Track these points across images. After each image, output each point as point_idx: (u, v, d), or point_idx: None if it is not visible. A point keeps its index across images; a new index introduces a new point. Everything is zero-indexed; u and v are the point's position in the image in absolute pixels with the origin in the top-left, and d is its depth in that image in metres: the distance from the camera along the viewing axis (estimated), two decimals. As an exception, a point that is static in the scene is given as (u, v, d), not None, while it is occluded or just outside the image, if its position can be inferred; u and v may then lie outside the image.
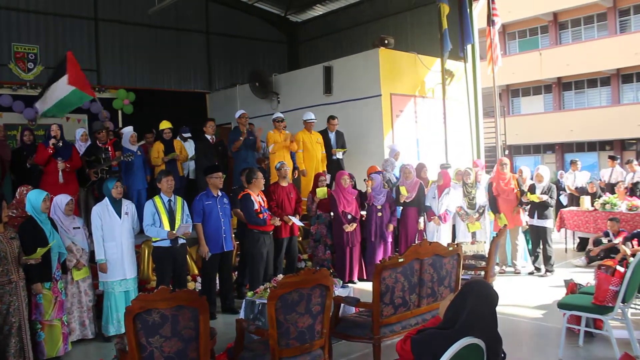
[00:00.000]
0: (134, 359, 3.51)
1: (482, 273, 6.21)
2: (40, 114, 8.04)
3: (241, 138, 8.76)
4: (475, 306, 2.86)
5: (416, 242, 8.33)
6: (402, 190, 8.53)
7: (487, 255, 6.46)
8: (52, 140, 7.39)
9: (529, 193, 8.38)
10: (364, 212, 8.57)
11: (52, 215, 5.79)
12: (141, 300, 3.48)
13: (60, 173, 7.39)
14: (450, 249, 5.20)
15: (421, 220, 8.63)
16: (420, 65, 11.17)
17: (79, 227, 6.06)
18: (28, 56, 13.00)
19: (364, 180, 8.56)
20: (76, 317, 5.99)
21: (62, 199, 6.00)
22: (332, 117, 9.92)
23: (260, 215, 6.98)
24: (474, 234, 8.49)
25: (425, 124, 11.11)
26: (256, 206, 7.01)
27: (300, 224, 7.73)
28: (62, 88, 7.72)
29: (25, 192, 5.96)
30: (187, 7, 15.21)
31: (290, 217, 7.46)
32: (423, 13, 13.37)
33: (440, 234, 8.42)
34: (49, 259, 5.44)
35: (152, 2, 12.93)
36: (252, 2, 16.71)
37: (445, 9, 10.60)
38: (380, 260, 4.82)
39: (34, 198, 5.60)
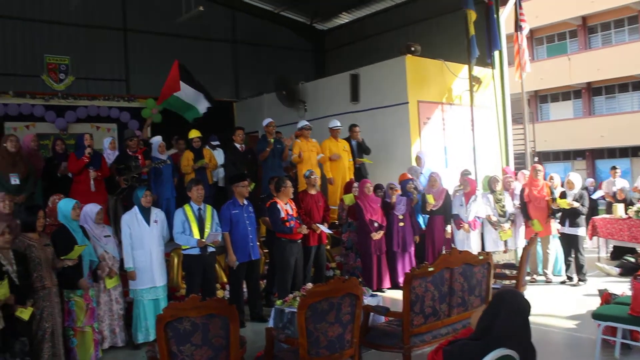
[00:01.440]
0: (165, 367, 3.54)
1: (513, 282, 6.12)
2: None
3: (268, 149, 8.79)
4: (508, 316, 2.82)
5: (443, 250, 8.29)
6: (429, 198, 8.47)
7: (517, 264, 6.37)
8: (88, 150, 7.50)
9: (558, 198, 8.25)
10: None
11: (83, 224, 5.88)
12: (172, 309, 3.50)
13: (92, 182, 7.49)
14: (481, 257, 5.14)
15: (448, 228, 8.56)
16: (447, 72, 11.09)
17: (109, 236, 6.15)
18: (59, 67, 13.22)
19: (390, 189, 8.49)
20: (107, 325, 6.06)
21: (92, 208, 6.09)
22: (354, 125, 9.91)
23: (287, 224, 6.99)
24: (505, 243, 8.39)
25: (453, 131, 11.02)
26: (283, 214, 7.02)
27: (328, 231, 7.71)
28: (202, 102, 8.46)
29: (57, 200, 6.07)
30: (213, 16, 15.36)
31: (318, 225, 7.46)
32: (450, 20, 13.28)
33: (470, 242, 8.34)
34: (80, 266, 5.53)
35: (179, 13, 13.09)
36: (278, 11, 16.84)
37: (472, 16, 10.51)
38: (410, 269, 4.79)
39: (64, 206, 5.72)
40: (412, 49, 10.73)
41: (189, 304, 3.50)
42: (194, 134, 9.23)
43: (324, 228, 7.53)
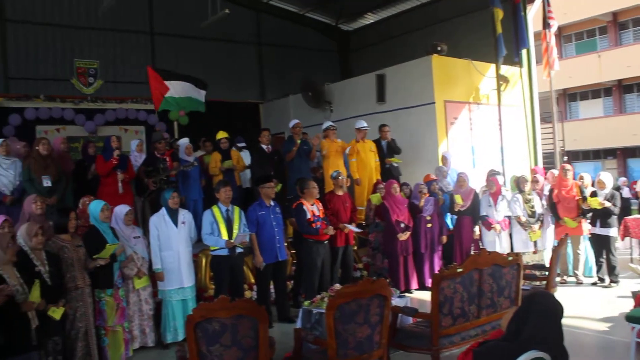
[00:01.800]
0: (194, 367, 3.57)
1: (543, 283, 6.04)
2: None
3: (294, 148, 8.82)
4: (539, 318, 2.78)
5: (472, 251, 8.21)
6: (457, 198, 8.40)
7: (548, 265, 6.28)
8: (117, 152, 7.59)
9: (589, 198, 8.11)
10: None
11: (113, 225, 5.97)
12: (202, 309, 3.53)
13: (119, 184, 7.59)
14: (510, 258, 5.08)
15: (476, 229, 8.48)
16: (474, 72, 11.00)
17: (139, 237, 6.22)
18: (89, 71, 13.43)
19: (419, 192, 8.43)
20: (137, 325, 6.12)
21: (121, 209, 6.18)
22: (383, 125, 9.88)
23: (313, 225, 6.99)
24: (535, 243, 8.28)
25: (480, 131, 10.93)
26: (309, 215, 7.03)
27: (357, 229, 7.70)
28: (199, 93, 8.57)
29: (87, 202, 6.19)
30: (238, 19, 15.44)
31: (346, 225, 7.45)
32: (476, 18, 13.17)
33: (502, 242, 8.25)
34: (111, 266, 5.61)
35: (205, 16, 13.19)
36: (303, 13, 16.87)
37: (499, 14, 10.41)
38: (438, 270, 4.76)
39: (93, 208, 5.83)
40: (439, 48, 10.67)
41: (219, 305, 3.52)
42: (221, 135, 9.29)
43: (351, 227, 7.52)
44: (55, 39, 13.43)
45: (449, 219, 8.72)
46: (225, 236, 6.34)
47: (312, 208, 7.07)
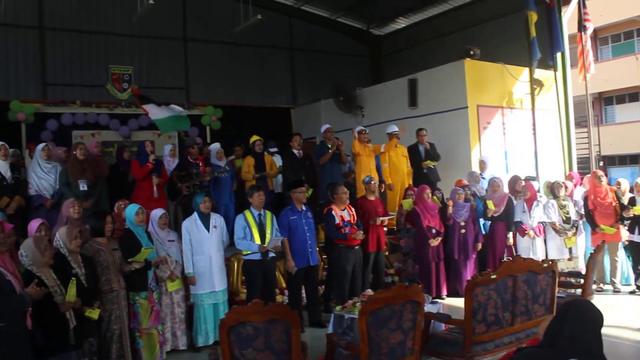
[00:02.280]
0: (228, 371, 3.60)
1: (579, 291, 5.93)
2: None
3: (329, 151, 8.82)
4: (578, 326, 2.73)
5: (505, 257, 8.10)
6: (490, 204, 8.30)
7: (583, 272, 6.17)
8: (152, 157, 7.71)
9: (634, 207, 7.92)
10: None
11: (149, 229, 6.06)
12: (235, 313, 3.56)
13: (154, 188, 7.70)
14: (545, 265, 5.00)
15: (510, 235, 8.37)
16: (507, 76, 10.88)
17: (173, 240, 6.30)
18: (123, 77, 13.70)
19: (446, 199, 8.37)
20: (169, 328, 6.18)
21: (157, 213, 6.28)
22: (420, 129, 9.82)
23: (342, 230, 7.00)
24: (570, 250, 8.14)
25: (514, 136, 10.80)
26: (337, 220, 7.03)
27: (390, 216, 7.74)
28: (170, 110, 8.47)
29: (122, 206, 6.29)
30: (270, 24, 15.53)
31: (377, 217, 7.45)
32: (509, 22, 13.02)
33: (536, 249, 8.12)
34: (145, 269, 5.69)
35: (237, 22, 13.32)
36: (335, 17, 16.91)
37: (533, 17, 10.27)
38: (472, 277, 4.72)
39: (129, 212, 5.93)
40: (471, 52, 10.58)
41: (252, 309, 3.55)
42: (255, 137, 9.34)
43: (383, 217, 7.52)
44: (90, 46, 13.71)
45: (481, 225, 8.63)
46: (257, 241, 6.38)
47: (342, 213, 7.06)
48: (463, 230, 8.19)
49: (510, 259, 5.74)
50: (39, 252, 4.38)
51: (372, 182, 7.84)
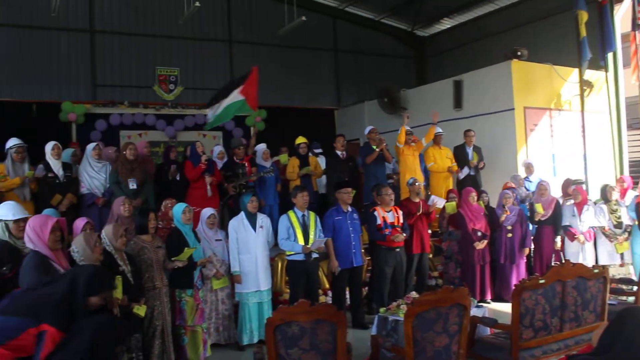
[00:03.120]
0: (273, 369, 3.62)
1: (631, 298, 5.76)
2: (209, 121, 8.47)
3: (377, 149, 8.79)
4: (634, 334, 2.65)
5: (552, 262, 7.94)
6: (538, 207, 8.14)
7: (636, 279, 5.99)
8: (204, 157, 7.84)
9: None
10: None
11: (198, 227, 6.15)
12: (282, 312, 3.57)
13: (208, 187, 7.82)
14: (596, 271, 4.87)
15: (558, 239, 8.19)
16: (555, 77, 10.65)
17: (220, 240, 6.39)
18: (169, 78, 13.96)
19: (501, 206, 8.22)
20: (212, 323, 6.28)
21: (206, 212, 6.39)
22: (468, 130, 9.70)
23: (382, 231, 6.96)
24: (622, 256, 7.91)
25: (562, 138, 10.56)
26: (379, 221, 7.01)
27: (443, 200, 7.82)
28: (233, 96, 8.25)
29: (169, 205, 6.39)
30: (315, 26, 15.61)
31: (433, 198, 7.55)
32: (558, 21, 12.77)
33: (586, 254, 7.91)
34: (191, 267, 5.78)
35: (282, 23, 13.41)
36: (379, 19, 16.86)
37: (584, 16, 10.02)
38: (519, 281, 4.63)
39: (175, 211, 6.01)
40: (519, 53, 10.39)
41: (298, 309, 3.56)
42: (300, 140, 9.39)
43: (438, 199, 7.60)
44: (138, 48, 14.03)
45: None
46: (301, 241, 6.40)
47: (386, 214, 7.03)
48: (510, 235, 8.06)
49: (558, 263, 5.63)
50: (89, 249, 4.49)
51: (417, 184, 7.80)
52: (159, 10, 14.22)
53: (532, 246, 8.32)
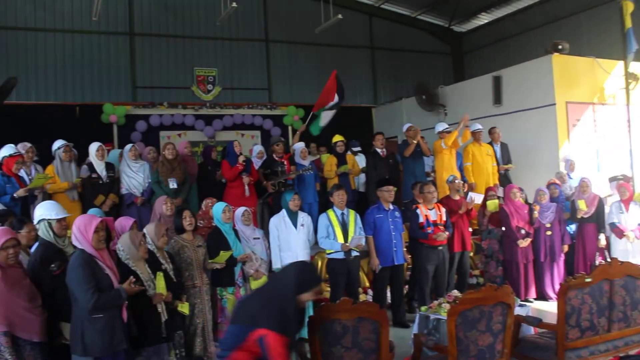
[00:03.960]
0: (314, 367, 3.62)
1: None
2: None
3: (414, 141, 8.72)
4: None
5: (596, 261, 7.75)
6: (581, 204, 7.96)
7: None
8: (242, 157, 7.89)
9: None
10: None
11: (236, 226, 6.20)
12: (325, 310, 3.58)
13: (246, 187, 7.87)
14: (646, 269, 4.74)
15: (602, 237, 7.98)
16: (599, 70, 10.37)
17: (258, 238, 6.41)
18: (207, 79, 14.13)
19: (533, 204, 8.08)
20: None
21: (239, 210, 6.42)
22: (493, 127, 9.60)
23: (424, 229, 6.90)
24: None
25: (606, 133, 10.29)
26: (421, 219, 6.94)
27: (481, 196, 7.75)
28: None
29: (210, 204, 6.45)
30: (351, 23, 15.59)
31: (471, 195, 7.48)
32: (601, 13, 12.47)
33: (635, 253, 7.69)
34: (232, 264, 5.82)
35: (318, 22, 13.42)
36: (415, 15, 16.75)
37: (629, 7, 9.72)
38: (565, 279, 4.54)
39: (215, 210, 6.07)
40: (560, 47, 10.15)
41: (341, 307, 3.56)
42: (337, 138, 9.38)
43: (476, 196, 7.51)
44: (177, 50, 14.23)
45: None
46: (340, 239, 6.38)
47: (428, 212, 6.97)
48: (549, 232, 7.90)
49: (603, 262, 5.49)
50: (135, 247, 4.57)
51: (456, 181, 7.71)
52: (197, 12, 14.40)
53: (572, 244, 8.12)
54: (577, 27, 13.25)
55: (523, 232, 7.71)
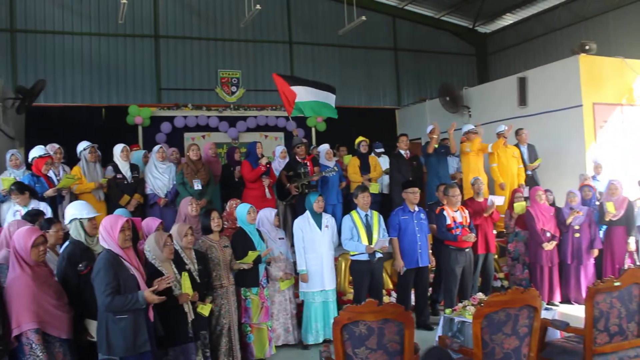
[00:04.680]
0: (340, 368, 3.61)
1: None
2: (295, 108, 8.52)
3: (434, 136, 8.63)
4: None
5: (625, 264, 7.62)
6: (609, 206, 7.83)
7: None
8: (265, 159, 7.88)
9: None
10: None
11: (259, 228, 6.22)
12: (349, 312, 3.56)
13: (266, 189, 7.88)
14: (677, 274, 4.64)
15: (631, 240, 7.85)
16: (627, 70, 10.21)
17: (283, 238, 6.44)
18: (231, 80, 14.22)
19: (569, 201, 7.96)
20: (281, 323, 6.30)
21: (270, 212, 6.45)
22: (520, 129, 9.50)
23: (452, 231, 6.84)
24: None
25: (635, 135, 10.12)
26: (449, 221, 6.89)
27: (501, 198, 7.69)
28: (327, 97, 8.48)
29: (234, 205, 6.48)
30: (374, 25, 15.58)
31: (491, 197, 7.40)
32: (629, 12, 12.30)
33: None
34: (257, 266, 5.85)
35: (342, 23, 13.43)
36: (439, 16, 16.67)
37: (658, 7, 9.60)
38: (593, 283, 4.46)
39: (240, 211, 6.09)
40: (587, 47, 10.02)
41: (366, 308, 3.54)
42: (361, 138, 9.35)
43: (496, 198, 7.45)
44: (201, 52, 14.38)
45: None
46: (365, 241, 6.36)
47: (455, 214, 6.92)
48: (577, 235, 7.79)
49: (632, 265, 5.39)
50: (159, 248, 4.62)
51: (477, 183, 7.69)
52: (221, 14, 14.53)
53: (599, 247, 8.00)
54: (604, 26, 13.08)
55: (548, 234, 7.62)
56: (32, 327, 3.76)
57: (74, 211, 4.53)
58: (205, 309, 5.04)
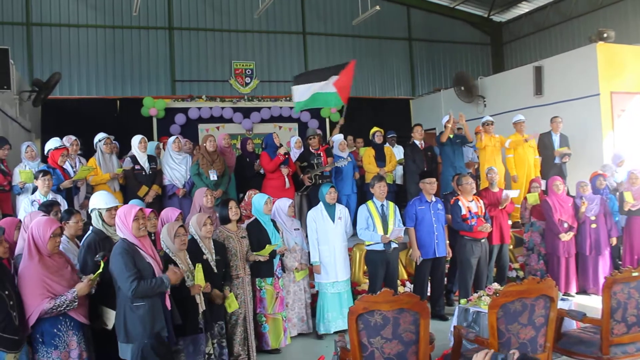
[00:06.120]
0: (355, 358, 3.61)
1: None
2: (295, 103, 8.42)
3: (448, 125, 8.57)
4: None
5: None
6: (628, 196, 7.74)
7: None
8: (283, 149, 7.90)
9: None
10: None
11: (275, 218, 6.23)
12: (365, 301, 3.56)
13: (286, 179, 7.89)
14: (696, 263, 4.59)
15: (650, 230, 7.77)
16: (646, 59, 10.09)
17: (298, 229, 6.45)
18: (246, 71, 14.16)
19: (580, 190, 7.88)
20: (296, 313, 6.35)
21: (285, 202, 6.44)
22: (555, 117, 9.31)
23: (468, 222, 6.81)
24: None
25: (655, 124, 10.00)
26: (464, 211, 6.85)
27: (516, 192, 7.60)
28: (324, 85, 8.15)
29: (253, 195, 6.49)
30: (388, 15, 15.50)
31: (506, 191, 7.33)
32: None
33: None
34: (271, 256, 5.87)
35: (356, 14, 13.37)
36: (454, 5, 16.54)
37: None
38: (611, 273, 4.42)
39: (257, 201, 6.09)
40: (605, 35, 9.89)
41: (382, 298, 3.53)
42: (375, 129, 9.32)
43: (510, 191, 7.40)
44: (215, 43, 14.40)
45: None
46: (380, 231, 6.35)
47: (470, 204, 6.87)
48: (594, 225, 7.71)
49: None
50: (170, 239, 4.65)
51: (491, 173, 7.64)
52: (234, 5, 14.53)
53: (617, 236, 7.92)
54: (623, 14, 12.90)
55: (566, 225, 7.56)
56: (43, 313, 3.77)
57: (94, 201, 4.65)
58: (232, 305, 5.12)
